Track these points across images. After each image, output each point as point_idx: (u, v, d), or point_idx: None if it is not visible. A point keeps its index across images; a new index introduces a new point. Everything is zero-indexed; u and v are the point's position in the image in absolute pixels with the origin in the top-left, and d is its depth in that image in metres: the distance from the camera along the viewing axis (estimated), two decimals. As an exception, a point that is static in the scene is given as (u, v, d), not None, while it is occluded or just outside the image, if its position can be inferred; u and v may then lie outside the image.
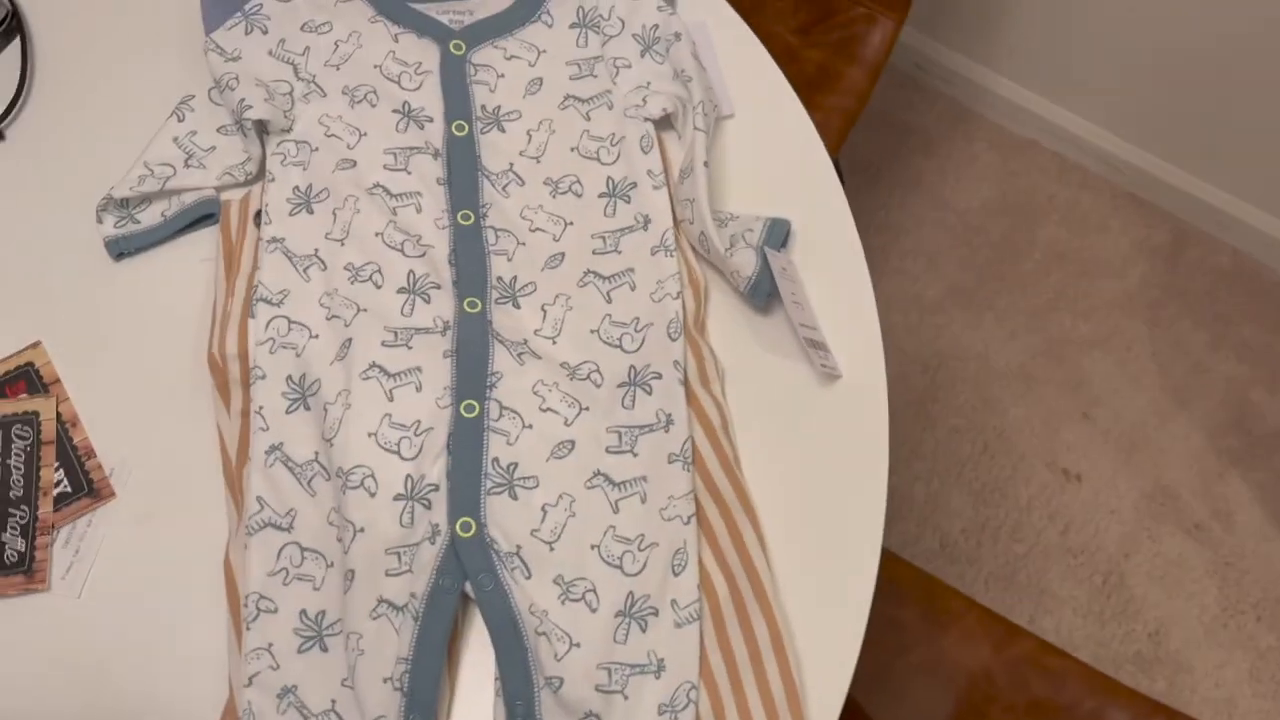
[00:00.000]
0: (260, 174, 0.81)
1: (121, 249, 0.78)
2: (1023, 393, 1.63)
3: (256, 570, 0.67)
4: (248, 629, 0.65)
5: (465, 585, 0.66)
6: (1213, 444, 1.60)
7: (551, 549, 0.67)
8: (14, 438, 0.72)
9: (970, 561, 1.52)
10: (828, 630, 0.68)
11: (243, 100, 0.79)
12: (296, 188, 0.78)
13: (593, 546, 0.67)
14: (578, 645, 0.64)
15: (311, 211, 0.77)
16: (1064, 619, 1.48)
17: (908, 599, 1.04)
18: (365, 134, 0.80)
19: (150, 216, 0.79)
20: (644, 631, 0.65)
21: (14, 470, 0.71)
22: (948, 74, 1.82)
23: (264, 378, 0.72)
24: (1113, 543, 1.54)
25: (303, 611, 0.66)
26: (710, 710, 0.64)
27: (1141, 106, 1.66)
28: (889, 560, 1.04)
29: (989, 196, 1.78)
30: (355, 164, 0.79)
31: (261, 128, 0.80)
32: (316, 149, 0.79)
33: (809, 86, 1.27)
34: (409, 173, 0.79)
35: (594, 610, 0.65)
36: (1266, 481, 1.58)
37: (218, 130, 0.81)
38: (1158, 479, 1.58)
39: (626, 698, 0.63)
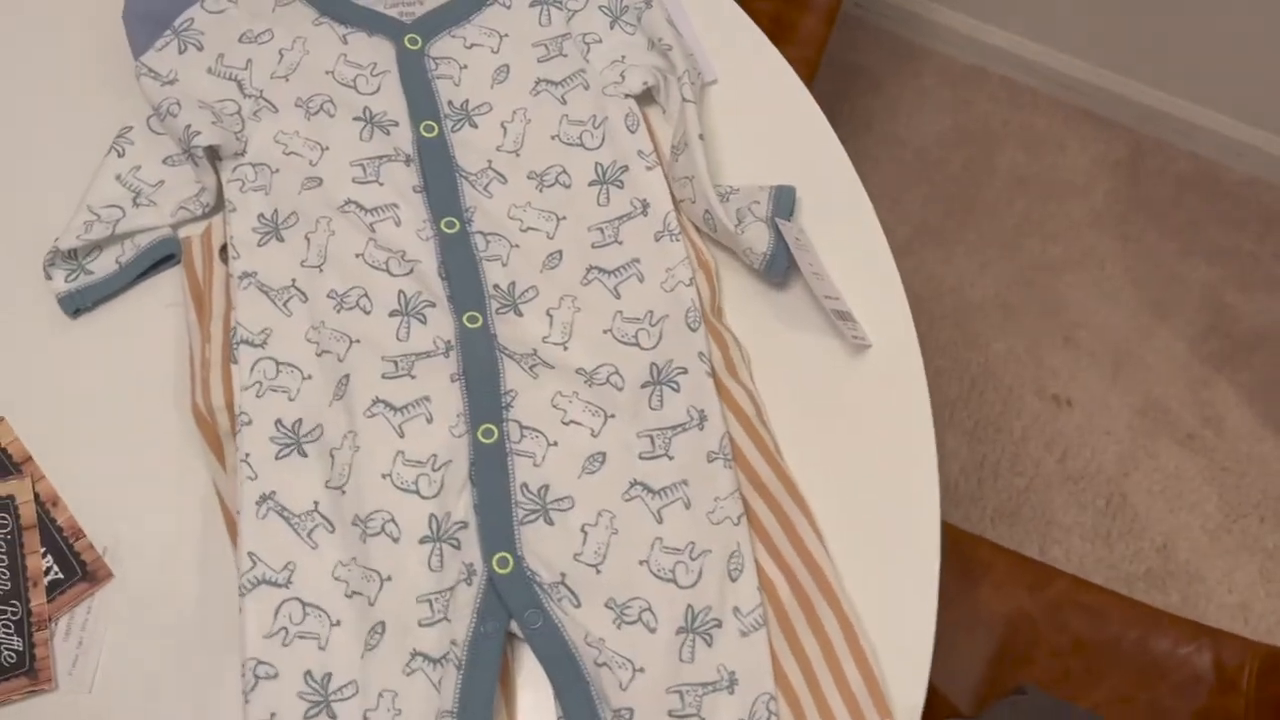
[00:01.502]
0: (219, 204, 0.74)
1: (77, 304, 0.71)
2: (1003, 324, 1.61)
3: (253, 633, 0.60)
4: (246, 701, 0.59)
5: (510, 625, 0.61)
6: (1195, 351, 1.60)
7: (598, 572, 0.62)
8: (-10, 528, 0.65)
9: (974, 501, 1.50)
10: (899, 612, 0.64)
11: (189, 126, 0.72)
12: (261, 215, 0.72)
13: (641, 562, 0.63)
14: (641, 670, 0.60)
15: (282, 239, 0.71)
16: (1073, 546, 1.47)
17: (934, 555, 1.01)
18: (327, 148, 0.74)
19: (103, 265, 0.72)
20: (710, 646, 0.61)
21: (-4, 563, 0.64)
22: (886, 8, 1.78)
23: (250, 424, 0.65)
24: (1111, 463, 1.53)
25: (307, 673, 0.60)
26: (791, 717, 0.60)
27: (1082, 18, 1.63)
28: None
29: (944, 129, 1.75)
30: (321, 181, 0.72)
31: (213, 154, 0.74)
32: (277, 170, 0.73)
33: (762, 39, 1.22)
34: (381, 184, 0.73)
35: (653, 630, 0.61)
36: (1251, 382, 1.58)
37: (163, 162, 0.74)
38: (1147, 394, 1.57)
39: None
